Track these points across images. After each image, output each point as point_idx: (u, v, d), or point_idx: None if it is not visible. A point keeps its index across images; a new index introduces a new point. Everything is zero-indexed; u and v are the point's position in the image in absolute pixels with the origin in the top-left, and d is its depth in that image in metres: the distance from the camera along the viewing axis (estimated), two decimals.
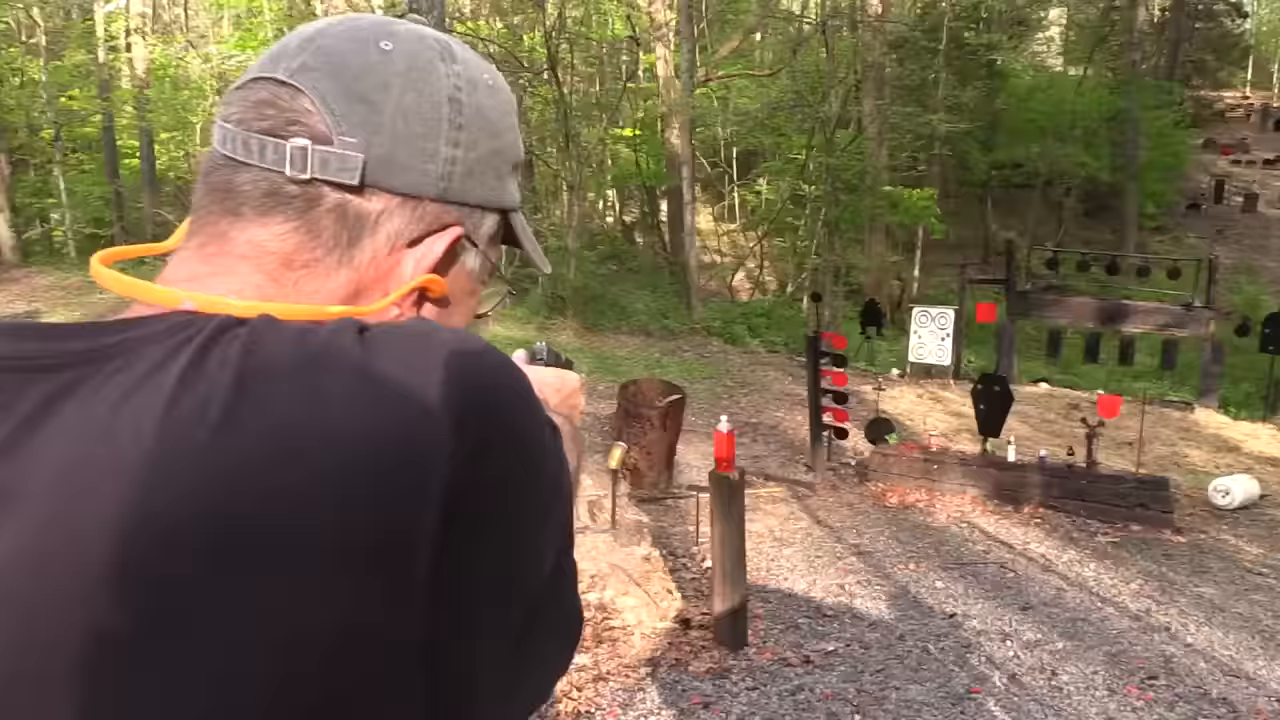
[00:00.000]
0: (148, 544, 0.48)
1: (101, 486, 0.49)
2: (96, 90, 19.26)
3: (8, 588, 0.49)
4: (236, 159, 0.63)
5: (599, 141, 20.03)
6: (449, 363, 0.54)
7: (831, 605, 5.49)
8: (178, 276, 0.63)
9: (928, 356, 11.69)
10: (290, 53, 0.65)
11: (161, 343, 0.54)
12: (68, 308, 12.47)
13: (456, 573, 0.52)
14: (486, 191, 0.71)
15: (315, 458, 0.49)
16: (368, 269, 0.65)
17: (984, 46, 23.20)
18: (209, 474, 0.48)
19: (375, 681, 0.50)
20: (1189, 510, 7.73)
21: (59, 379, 0.53)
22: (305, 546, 0.48)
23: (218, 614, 0.47)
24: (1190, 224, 29.21)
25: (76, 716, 0.47)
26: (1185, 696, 4.47)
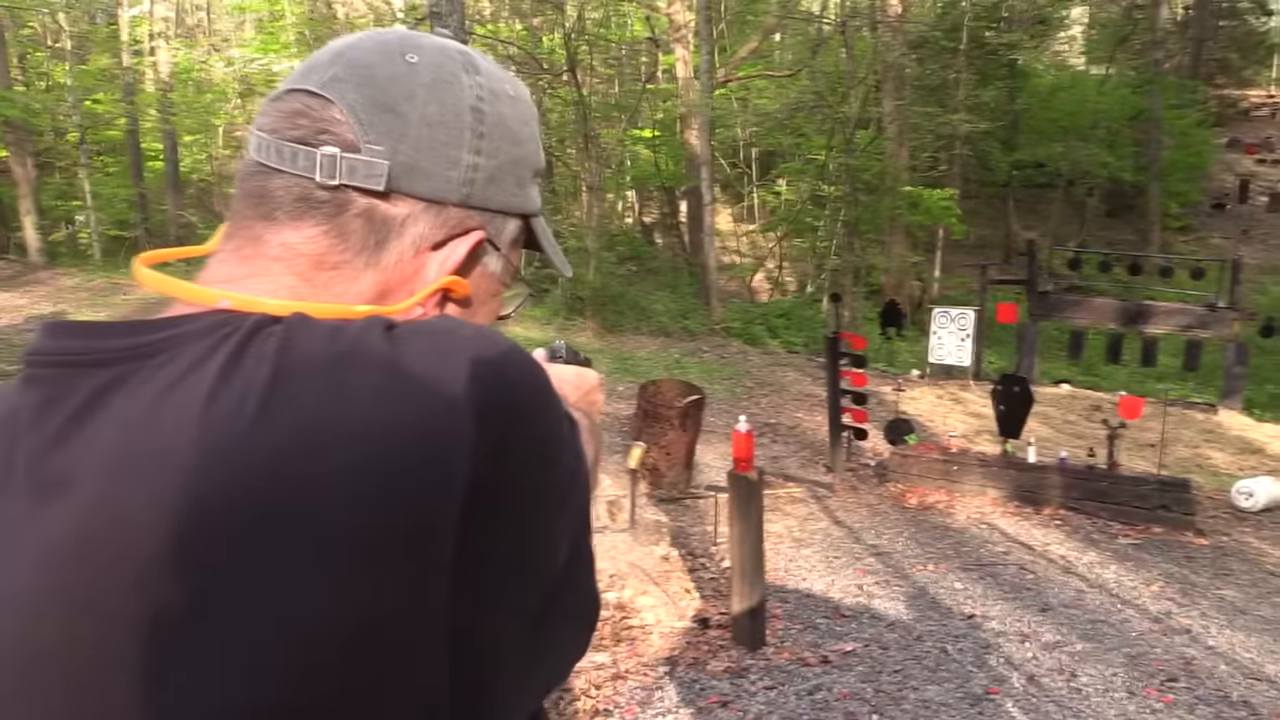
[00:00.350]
0: (188, 529, 0.50)
1: (146, 474, 0.52)
2: (121, 94, 19.47)
3: (60, 568, 0.53)
4: (270, 166, 0.66)
5: (618, 142, 20.07)
6: (472, 359, 0.56)
7: (850, 605, 5.49)
8: (216, 277, 0.66)
9: (948, 357, 11.65)
10: (321, 66, 0.68)
11: (202, 339, 0.57)
12: (93, 308, 12.61)
13: (478, 559, 0.55)
14: (507, 197, 0.74)
15: (345, 451, 0.52)
16: (394, 271, 0.68)
17: (1005, 46, 23.08)
18: (245, 464, 0.51)
19: (400, 665, 0.52)
20: (1211, 512, 7.68)
21: (106, 373, 0.57)
22: (334, 535, 0.51)
23: (250, 598, 0.50)
24: (1215, 224, 28.96)
25: (120, 692, 0.50)
26: (1205, 699, 4.45)
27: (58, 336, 0.60)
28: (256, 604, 0.50)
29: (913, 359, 14.28)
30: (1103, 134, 26.18)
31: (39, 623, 0.53)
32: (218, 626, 0.50)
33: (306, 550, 0.50)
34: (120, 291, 14.15)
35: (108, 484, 0.53)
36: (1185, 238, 27.42)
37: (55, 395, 0.58)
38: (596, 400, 1.08)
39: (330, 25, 21.29)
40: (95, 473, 0.54)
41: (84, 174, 19.19)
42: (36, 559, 0.54)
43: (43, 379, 0.59)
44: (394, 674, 0.52)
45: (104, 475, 0.53)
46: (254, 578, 0.50)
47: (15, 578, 0.54)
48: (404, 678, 0.53)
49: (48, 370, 0.60)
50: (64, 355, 0.59)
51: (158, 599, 0.50)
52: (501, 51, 18.17)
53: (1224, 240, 26.75)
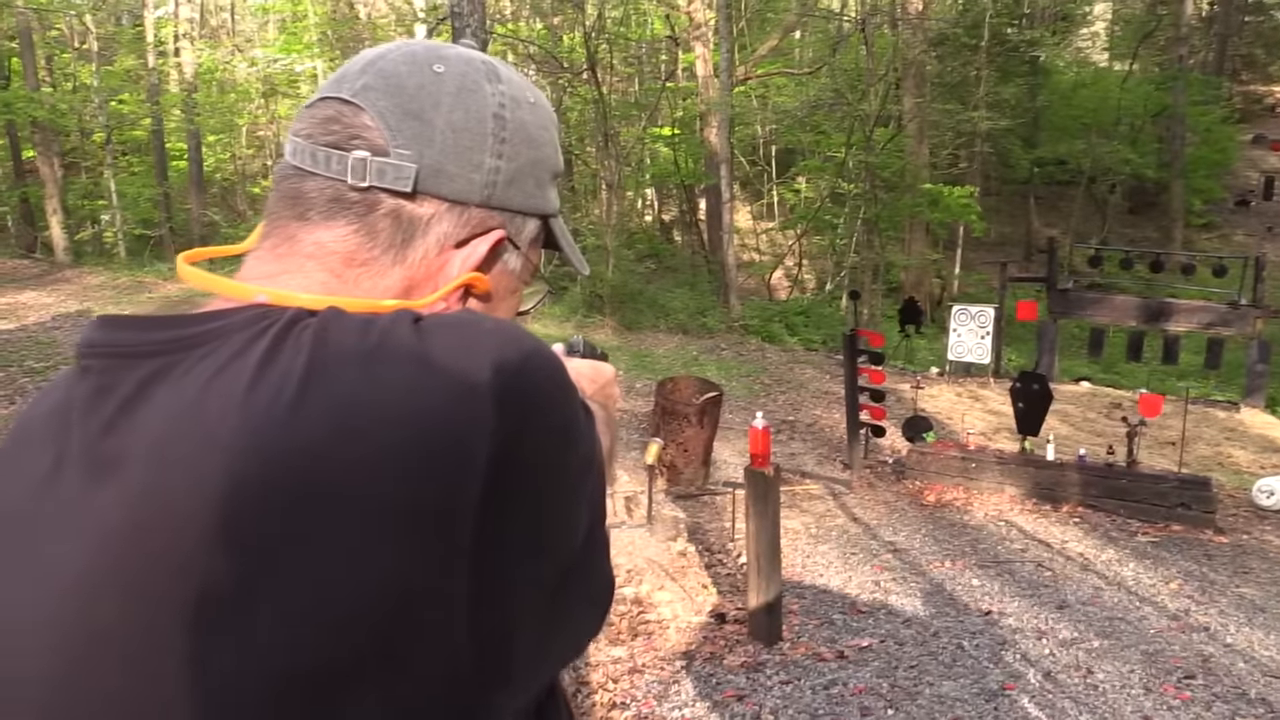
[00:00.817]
0: (231, 511, 0.54)
1: (191, 460, 0.56)
2: (146, 94, 19.66)
3: (116, 551, 0.57)
4: (305, 169, 0.71)
5: (637, 140, 20.09)
6: (493, 351, 0.60)
7: (866, 601, 5.52)
8: (253, 274, 0.71)
9: (967, 355, 11.62)
10: (353, 75, 0.73)
11: (241, 332, 0.61)
12: (118, 306, 12.74)
13: (499, 536, 0.58)
14: (527, 198, 0.78)
15: (375, 436, 0.56)
16: (419, 267, 0.73)
17: (1026, 43, 22.91)
18: (285, 448, 0.55)
19: (427, 634, 0.56)
20: (1232, 511, 7.65)
21: (153, 364, 0.62)
22: (368, 514, 0.55)
23: (290, 574, 0.54)
24: (1238, 221, 28.66)
25: (168, 675, 0.54)
26: (1223, 696, 4.45)
27: (108, 329, 0.65)
28: (295, 580, 0.54)
29: (932, 356, 14.25)
30: (1125, 130, 25.98)
31: (97, 604, 0.57)
32: (259, 603, 0.54)
33: (342, 528, 0.54)
34: (145, 290, 14.30)
35: (155, 470, 0.57)
36: (1208, 235, 27.17)
37: (106, 385, 0.62)
38: (612, 394, 1.12)
39: (352, 26, 21.45)
40: (144, 458, 0.58)
41: (109, 174, 19.39)
42: (94, 542, 0.58)
43: (95, 369, 0.64)
44: (421, 643, 0.56)
45: (152, 461, 0.58)
46: (293, 555, 0.54)
47: (75, 559, 0.58)
48: (430, 647, 0.56)
49: (99, 361, 0.64)
50: (114, 347, 0.64)
51: (202, 580, 0.54)
52: (521, 51, 18.24)
53: (1248, 237, 26.48)
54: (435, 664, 0.57)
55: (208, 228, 19.61)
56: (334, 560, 0.54)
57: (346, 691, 0.54)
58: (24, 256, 17.54)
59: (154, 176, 20.08)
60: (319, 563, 0.54)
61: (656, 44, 23.68)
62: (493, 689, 0.60)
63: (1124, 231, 26.73)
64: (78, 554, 0.58)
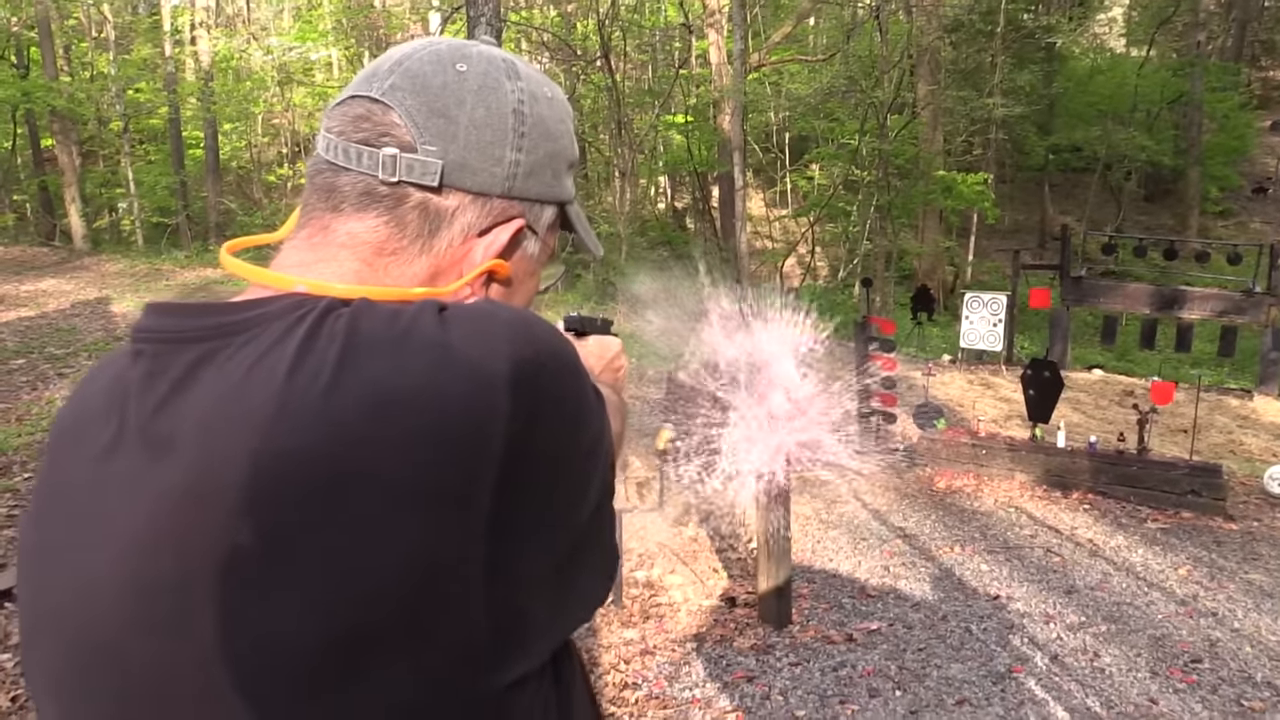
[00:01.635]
0: (268, 483, 0.60)
1: (235, 436, 0.62)
2: (163, 83, 19.76)
3: (168, 515, 0.63)
4: (338, 164, 0.76)
5: (651, 128, 20.10)
6: (509, 340, 0.66)
7: (875, 586, 5.58)
8: (289, 262, 0.77)
9: (979, 342, 11.63)
10: (382, 74, 0.77)
11: (280, 320, 0.67)
12: (136, 293, 12.87)
13: (512, 518, 0.64)
14: (544, 188, 0.84)
15: (401, 420, 0.61)
16: (444, 255, 0.78)
17: (1042, 29, 22.77)
18: (318, 430, 0.61)
19: (449, 605, 0.62)
20: (1243, 498, 7.66)
21: (201, 349, 0.68)
22: (391, 492, 0.60)
23: (321, 544, 0.59)
24: (1255, 208, 28.46)
25: (208, 629, 0.61)
26: (1229, 680, 4.49)
27: (160, 315, 0.72)
28: (327, 551, 0.59)
29: (944, 344, 14.25)
30: (1141, 117, 25.79)
31: (149, 563, 0.63)
32: (293, 572, 0.59)
33: (370, 504, 0.60)
34: (163, 277, 14.44)
35: (203, 445, 0.63)
36: (1225, 222, 26.99)
37: (159, 367, 0.69)
38: (620, 366, 1.17)
39: (367, 14, 21.48)
40: (193, 435, 0.64)
41: (126, 162, 19.53)
42: (149, 507, 0.64)
43: (148, 353, 0.70)
44: (445, 615, 0.61)
45: (200, 438, 0.64)
46: (325, 526, 0.59)
47: (133, 522, 0.65)
48: (453, 619, 0.62)
49: (151, 345, 0.70)
50: (165, 332, 0.70)
51: (241, 547, 0.60)
52: (535, 39, 18.26)
53: (1264, 225, 26.31)
54: (457, 634, 0.62)
55: (224, 215, 19.73)
56: (362, 534, 0.59)
57: (375, 658, 0.60)
58: (43, 244, 17.71)
59: (170, 165, 20.22)
60: (349, 536, 0.59)
61: (670, 31, 23.66)
62: (509, 658, 0.66)
63: (1139, 219, 26.59)
64: (135, 518, 0.65)
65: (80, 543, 0.68)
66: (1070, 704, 4.19)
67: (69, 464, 0.72)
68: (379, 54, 15.19)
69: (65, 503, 0.70)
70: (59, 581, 0.69)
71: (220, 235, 19.20)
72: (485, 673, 0.64)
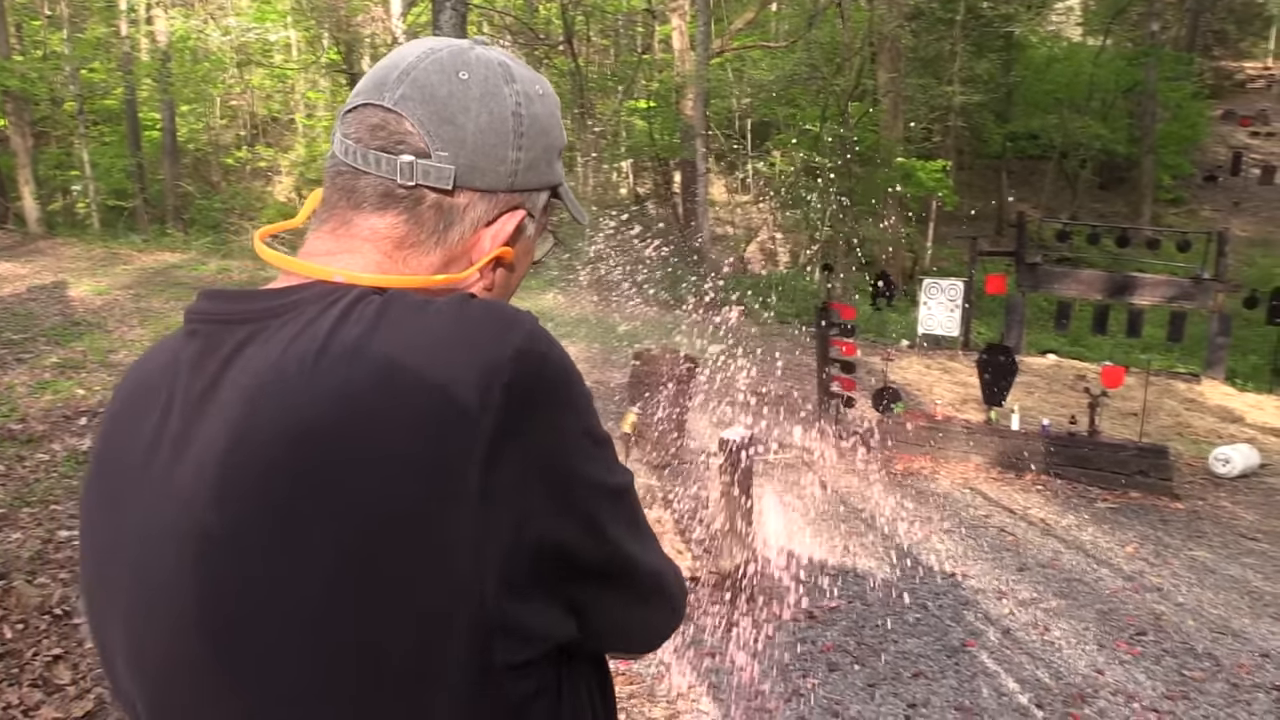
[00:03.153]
0: (295, 443, 0.71)
1: (271, 403, 0.73)
2: (118, 63, 19.43)
3: (211, 470, 0.74)
4: (357, 168, 0.85)
5: (614, 113, 20.12)
6: (513, 341, 0.75)
7: (835, 565, 5.72)
8: (317, 251, 0.86)
9: (937, 328, 11.83)
10: (391, 84, 0.86)
11: (314, 304, 0.78)
12: (93, 277, 12.71)
13: (501, 486, 0.72)
14: (541, 177, 0.93)
15: (408, 396, 0.71)
16: (456, 246, 0.88)
17: (1001, 18, 23.04)
18: (338, 400, 0.71)
19: (438, 561, 0.70)
20: (1189, 478, 7.91)
21: (245, 329, 0.79)
22: (396, 456, 0.70)
23: (337, 496, 0.70)
24: (1206, 196, 29.05)
25: (238, 570, 0.72)
26: (1172, 651, 4.68)
27: (212, 300, 0.83)
28: (340, 506, 0.70)
29: (903, 329, 14.46)
30: (1097, 106, 26.22)
31: (199, 512, 0.74)
32: (308, 518, 0.70)
33: (375, 467, 0.70)
34: (120, 261, 14.25)
35: (246, 411, 0.74)
36: (1177, 210, 27.53)
37: (210, 345, 0.80)
38: None
39: None
40: (237, 402, 0.75)
41: (81, 143, 19.20)
42: (196, 463, 0.75)
43: (201, 332, 0.81)
44: (433, 566, 0.70)
45: (243, 404, 0.74)
46: (338, 486, 0.70)
47: (184, 476, 0.76)
48: (440, 569, 0.71)
49: (205, 326, 0.81)
50: (216, 315, 0.82)
51: (274, 493, 0.71)
52: (498, 22, 18.19)
53: (1215, 213, 26.87)
54: (450, 598, 0.71)
55: (182, 198, 19.48)
56: (368, 495, 0.70)
57: (384, 592, 0.70)
58: None
59: (127, 146, 19.90)
60: (357, 496, 0.70)
61: (633, 16, 23.65)
62: (505, 636, 0.74)
63: (1094, 206, 27.05)
64: (185, 474, 0.76)
65: (138, 496, 0.79)
66: (1021, 676, 4.36)
67: (128, 429, 0.83)
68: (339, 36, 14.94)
69: (126, 463, 0.81)
70: (121, 531, 0.80)
71: (178, 218, 18.97)
72: (477, 640, 0.72)
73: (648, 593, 0.90)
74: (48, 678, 3.38)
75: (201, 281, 12.91)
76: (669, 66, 21.17)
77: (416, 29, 16.41)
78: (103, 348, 8.80)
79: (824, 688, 4.17)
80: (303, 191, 21.55)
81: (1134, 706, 4.10)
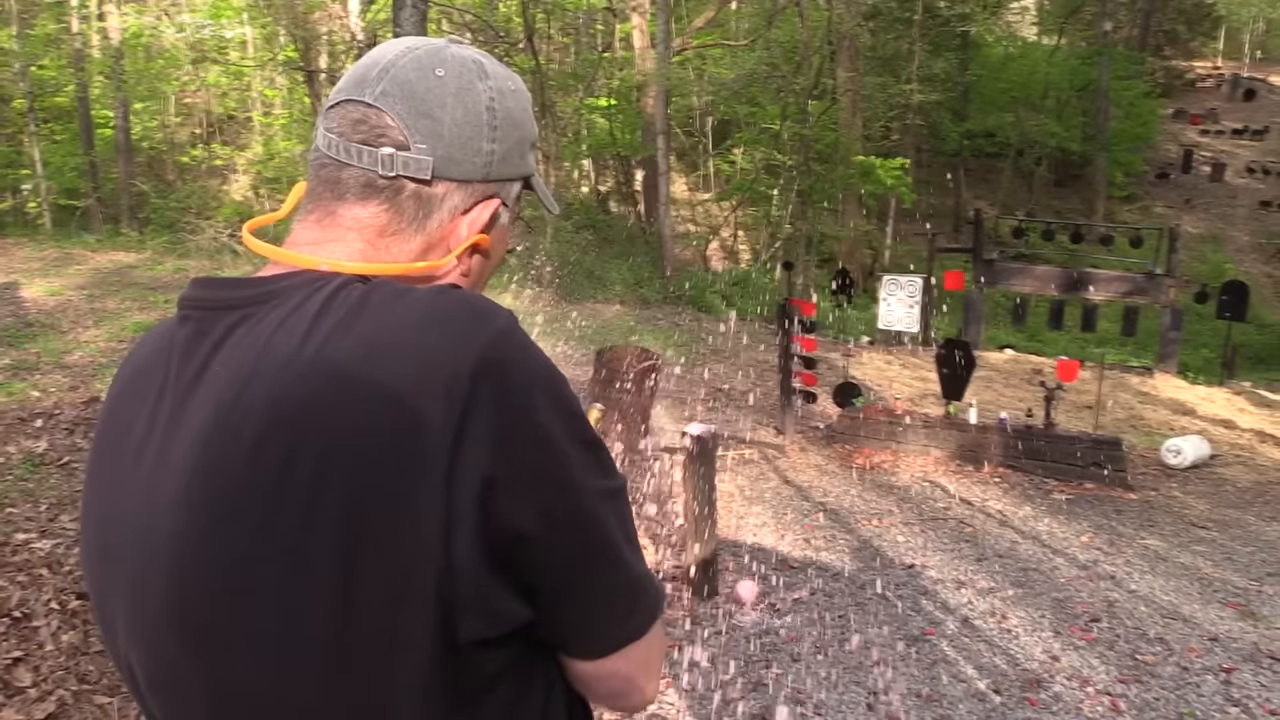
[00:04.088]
0: (279, 419, 0.76)
1: (257, 383, 0.78)
2: (69, 60, 19.08)
3: (203, 444, 0.79)
4: (341, 160, 0.89)
5: (575, 111, 20.11)
6: (484, 337, 0.78)
7: (798, 558, 5.79)
8: (303, 240, 0.90)
9: (896, 324, 11.96)
10: (371, 81, 0.90)
11: (301, 291, 0.82)
12: (46, 278, 12.49)
13: (467, 470, 0.75)
14: (514, 168, 0.98)
15: (382, 377, 0.75)
16: (435, 233, 0.92)
17: (957, 17, 23.32)
18: (318, 378, 0.76)
19: (407, 534, 0.74)
20: (1142, 469, 8.09)
21: (237, 314, 0.84)
22: (369, 431, 0.74)
23: (317, 466, 0.74)
24: (1159, 193, 29.62)
25: (240, 525, 0.76)
26: (1125, 636, 4.79)
27: (204, 288, 0.88)
28: (318, 475, 0.74)
29: (863, 325, 14.61)
30: (1052, 104, 26.63)
31: (195, 484, 0.78)
32: (290, 491, 0.74)
33: (353, 437, 0.74)
34: (74, 262, 14.01)
35: (234, 390, 0.79)
36: (1130, 207, 28.03)
37: (203, 329, 0.85)
38: None
39: None
40: (226, 381, 0.80)
41: (32, 141, 18.84)
42: (188, 438, 0.81)
43: (194, 317, 0.86)
44: (405, 539, 0.74)
45: (233, 384, 0.79)
46: (318, 457, 0.74)
47: (182, 453, 0.81)
48: (414, 542, 0.74)
49: (197, 312, 0.86)
50: (207, 301, 0.86)
51: (260, 466, 0.75)
52: (458, 19, 18.12)
53: (1167, 209, 27.40)
54: (411, 574, 0.74)
55: (137, 198, 19.18)
56: (350, 462, 0.74)
57: (359, 548, 0.74)
58: None
59: (79, 145, 19.54)
60: (335, 465, 0.74)
61: (594, 14, 23.65)
62: (467, 612, 0.76)
63: (1050, 203, 27.47)
64: (180, 447, 0.81)
65: (136, 474, 0.84)
66: (979, 663, 4.44)
67: (126, 411, 0.88)
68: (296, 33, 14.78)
69: (124, 443, 0.86)
70: (121, 508, 0.85)
71: (133, 218, 18.67)
72: (442, 613, 0.75)
73: (613, 596, 0.89)
74: (8, 680, 3.34)
75: (158, 282, 12.72)
76: (630, 64, 21.17)
77: (375, 26, 16.30)
78: (57, 349, 8.67)
79: (787, 677, 4.23)
80: (260, 190, 21.30)
81: (1088, 690, 4.19)
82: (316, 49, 19.89)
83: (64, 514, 4.68)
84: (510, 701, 0.83)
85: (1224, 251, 24.91)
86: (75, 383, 7.62)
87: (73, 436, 5.92)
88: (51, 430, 5.99)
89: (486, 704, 0.81)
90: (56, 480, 5.15)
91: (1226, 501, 7.43)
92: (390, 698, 0.76)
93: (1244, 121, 33.74)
